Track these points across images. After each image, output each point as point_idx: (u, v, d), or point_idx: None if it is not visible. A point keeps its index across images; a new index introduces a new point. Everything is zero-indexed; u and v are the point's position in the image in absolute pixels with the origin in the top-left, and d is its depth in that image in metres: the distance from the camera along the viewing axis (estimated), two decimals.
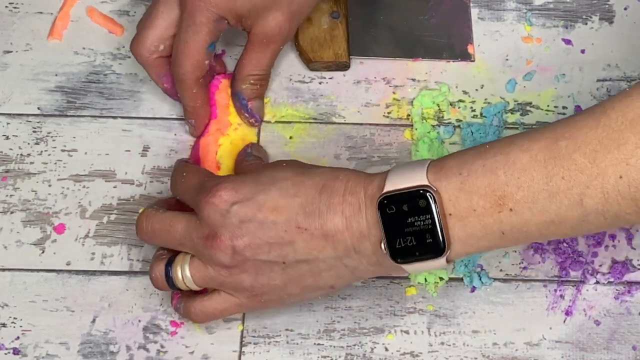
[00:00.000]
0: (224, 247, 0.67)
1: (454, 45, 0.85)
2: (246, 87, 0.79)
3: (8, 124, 0.82)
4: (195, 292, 0.71)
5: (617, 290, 0.76)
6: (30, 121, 0.82)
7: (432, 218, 0.64)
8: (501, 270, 0.76)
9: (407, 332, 0.74)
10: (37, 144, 0.81)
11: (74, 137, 0.81)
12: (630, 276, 0.76)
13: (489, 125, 0.81)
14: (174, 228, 0.69)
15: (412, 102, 0.83)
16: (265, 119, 0.82)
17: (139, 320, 0.75)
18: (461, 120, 0.82)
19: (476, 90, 0.83)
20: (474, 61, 0.84)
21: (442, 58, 0.84)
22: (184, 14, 0.75)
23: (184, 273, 0.69)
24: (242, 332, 0.74)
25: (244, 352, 0.74)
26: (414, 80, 0.84)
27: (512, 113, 0.82)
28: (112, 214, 0.78)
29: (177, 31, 0.76)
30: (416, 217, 0.64)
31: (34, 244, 0.77)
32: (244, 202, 0.67)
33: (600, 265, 0.77)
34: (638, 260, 0.77)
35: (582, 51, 0.85)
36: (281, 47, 0.79)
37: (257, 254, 0.67)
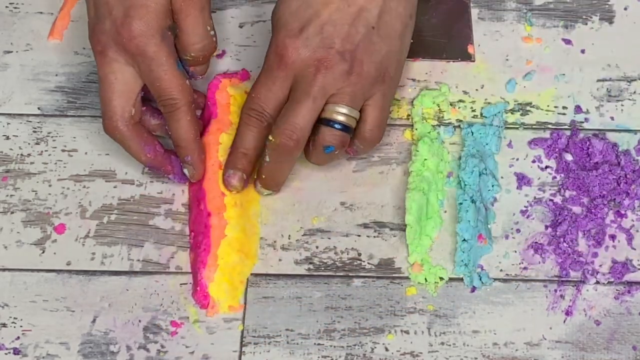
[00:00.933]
0: (330, 62, 0.73)
1: (454, 45, 0.85)
2: (187, 59, 0.78)
3: (8, 124, 0.82)
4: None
5: (617, 290, 0.76)
6: (30, 121, 0.82)
7: None
8: (501, 270, 0.77)
9: (407, 332, 0.74)
10: (37, 144, 0.81)
11: (74, 137, 0.81)
12: (630, 276, 0.76)
13: (489, 125, 0.81)
14: (297, 112, 0.74)
15: (412, 102, 0.83)
16: None
17: (139, 320, 0.75)
18: (461, 120, 0.82)
19: (476, 90, 0.83)
20: (474, 61, 0.84)
21: (442, 58, 0.84)
22: (136, 59, 0.75)
23: (342, 111, 0.74)
24: (242, 332, 0.74)
25: (244, 352, 0.74)
26: (414, 80, 0.84)
27: (512, 113, 0.82)
28: (112, 214, 0.78)
29: (144, 77, 0.75)
30: None
31: (34, 244, 0.77)
32: (306, 28, 0.75)
33: (600, 266, 0.77)
34: (638, 260, 0.77)
35: (582, 51, 0.85)
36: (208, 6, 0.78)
37: (351, 40, 0.74)
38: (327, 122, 0.75)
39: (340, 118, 0.75)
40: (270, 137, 0.75)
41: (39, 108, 0.82)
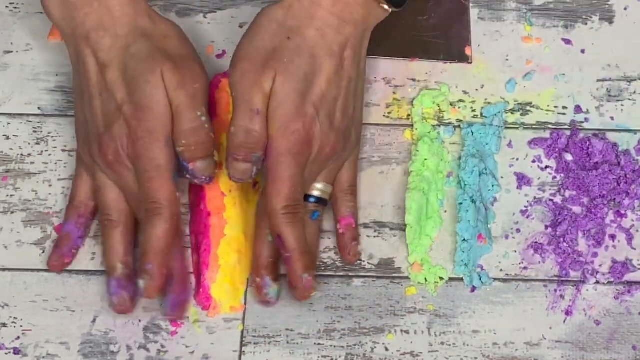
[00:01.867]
0: (336, 148, 0.75)
1: (451, 46, 0.85)
2: (181, 150, 0.74)
3: (8, 124, 0.82)
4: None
5: (617, 290, 0.76)
6: (30, 121, 0.82)
7: None
8: (501, 270, 0.77)
9: (407, 332, 0.74)
10: (37, 144, 0.81)
11: (75, 137, 0.81)
12: (630, 276, 0.76)
13: (489, 125, 0.81)
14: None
15: (412, 102, 0.83)
16: None
17: (139, 320, 0.75)
18: (461, 120, 0.82)
19: (476, 90, 0.83)
20: (471, 63, 0.84)
21: (440, 59, 0.84)
22: (136, 161, 0.73)
23: (318, 187, 0.76)
24: (242, 332, 0.74)
25: (244, 352, 0.74)
26: (414, 80, 0.84)
27: (512, 113, 0.82)
28: None
29: (138, 178, 0.74)
30: None
31: (35, 244, 0.77)
32: (317, 109, 0.74)
33: (600, 265, 0.77)
34: (638, 260, 0.77)
35: (582, 51, 0.85)
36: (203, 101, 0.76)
37: (347, 115, 0.76)
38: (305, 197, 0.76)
39: (316, 193, 0.76)
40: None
41: (39, 108, 0.82)
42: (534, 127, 0.82)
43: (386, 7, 0.76)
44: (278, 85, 0.72)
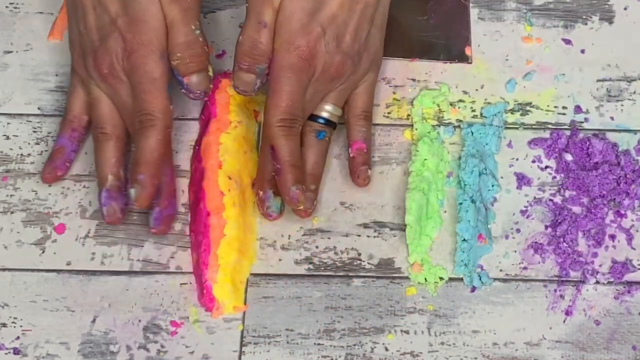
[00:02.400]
0: (343, 70, 0.76)
1: (451, 46, 0.85)
2: (176, 64, 0.76)
3: (8, 123, 0.82)
4: None
5: (617, 290, 0.76)
6: (30, 121, 0.82)
7: None
8: (501, 270, 0.77)
9: (407, 332, 0.74)
10: (37, 144, 0.81)
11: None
12: (630, 276, 0.76)
13: (489, 125, 0.81)
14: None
15: (412, 102, 0.83)
16: None
17: (139, 320, 0.75)
18: (461, 120, 0.82)
19: (476, 90, 0.83)
20: (471, 63, 0.84)
21: (440, 59, 0.84)
22: (131, 73, 0.75)
23: (327, 109, 0.78)
24: (242, 332, 0.74)
25: (244, 352, 0.74)
26: (414, 80, 0.84)
27: (512, 113, 0.82)
28: None
29: (133, 91, 0.75)
30: None
31: (34, 244, 0.77)
32: (324, 30, 0.75)
33: (600, 265, 0.77)
34: (638, 260, 0.77)
35: (582, 51, 0.85)
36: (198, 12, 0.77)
37: (358, 40, 0.76)
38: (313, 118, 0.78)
39: (324, 114, 0.78)
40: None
41: (39, 108, 0.83)
42: (533, 127, 0.82)
43: None
44: (287, 1, 0.74)
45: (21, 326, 0.74)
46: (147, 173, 0.74)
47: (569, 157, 0.80)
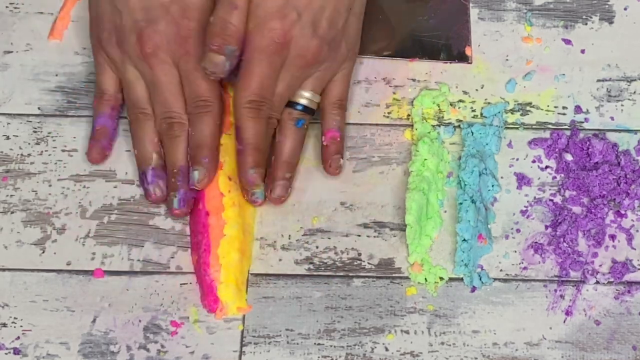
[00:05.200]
0: (319, 56, 0.76)
1: (451, 46, 0.85)
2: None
3: (8, 124, 0.82)
4: None
5: (617, 290, 0.76)
6: (30, 121, 0.82)
7: None
8: (501, 270, 0.77)
9: (407, 332, 0.74)
10: (37, 144, 0.81)
11: (75, 137, 0.81)
12: (630, 276, 0.76)
13: (489, 125, 0.81)
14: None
15: (412, 102, 0.83)
16: None
17: (139, 320, 0.75)
18: (461, 120, 0.82)
19: (476, 90, 0.83)
20: (471, 63, 0.84)
21: (440, 59, 0.84)
22: (183, 58, 0.76)
23: (305, 95, 0.78)
24: (242, 332, 0.74)
25: (244, 352, 0.74)
26: (414, 80, 0.84)
27: (512, 113, 0.82)
28: (112, 214, 0.79)
29: (183, 76, 0.77)
30: None
31: (35, 244, 0.77)
32: (300, 14, 0.75)
33: (600, 265, 0.77)
34: (638, 260, 0.77)
35: (582, 51, 0.85)
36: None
37: (335, 26, 0.76)
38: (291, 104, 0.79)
39: (303, 101, 0.78)
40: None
41: (39, 108, 0.83)
42: (534, 127, 0.82)
43: None
44: None
45: (21, 326, 0.74)
46: (210, 156, 0.76)
47: (569, 157, 0.80)
